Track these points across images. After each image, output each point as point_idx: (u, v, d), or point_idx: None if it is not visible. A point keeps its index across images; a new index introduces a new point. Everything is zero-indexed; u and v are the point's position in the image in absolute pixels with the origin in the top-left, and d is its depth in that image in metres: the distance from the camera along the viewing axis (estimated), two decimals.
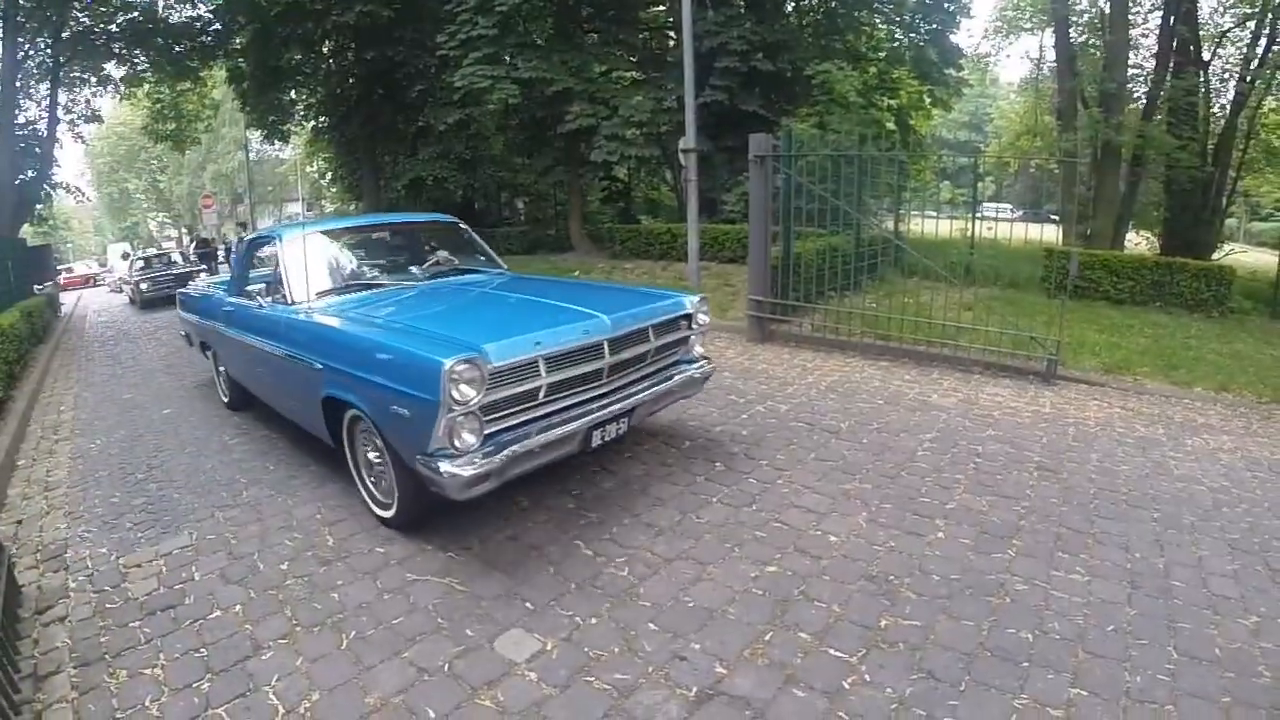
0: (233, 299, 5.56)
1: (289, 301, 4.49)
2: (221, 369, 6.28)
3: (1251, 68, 16.35)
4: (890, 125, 16.62)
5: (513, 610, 3.00)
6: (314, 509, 4.14)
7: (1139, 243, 18.35)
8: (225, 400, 6.41)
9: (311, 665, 2.72)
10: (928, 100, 20.25)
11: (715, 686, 2.50)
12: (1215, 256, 14.65)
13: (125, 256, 25.45)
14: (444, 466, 3.13)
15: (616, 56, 17.58)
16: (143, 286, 17.38)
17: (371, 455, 3.81)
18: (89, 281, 33.24)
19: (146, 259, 20.28)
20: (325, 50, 21.98)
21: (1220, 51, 18.24)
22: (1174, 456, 4.63)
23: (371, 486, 3.95)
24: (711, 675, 2.55)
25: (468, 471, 3.12)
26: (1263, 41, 16.32)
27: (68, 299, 21.68)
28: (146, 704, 2.57)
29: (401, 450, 3.42)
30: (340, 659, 2.75)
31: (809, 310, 7.95)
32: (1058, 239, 13.49)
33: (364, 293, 4.64)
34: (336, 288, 4.66)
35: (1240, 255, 16.20)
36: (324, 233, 5.15)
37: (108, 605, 3.26)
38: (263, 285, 4.97)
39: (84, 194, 27.95)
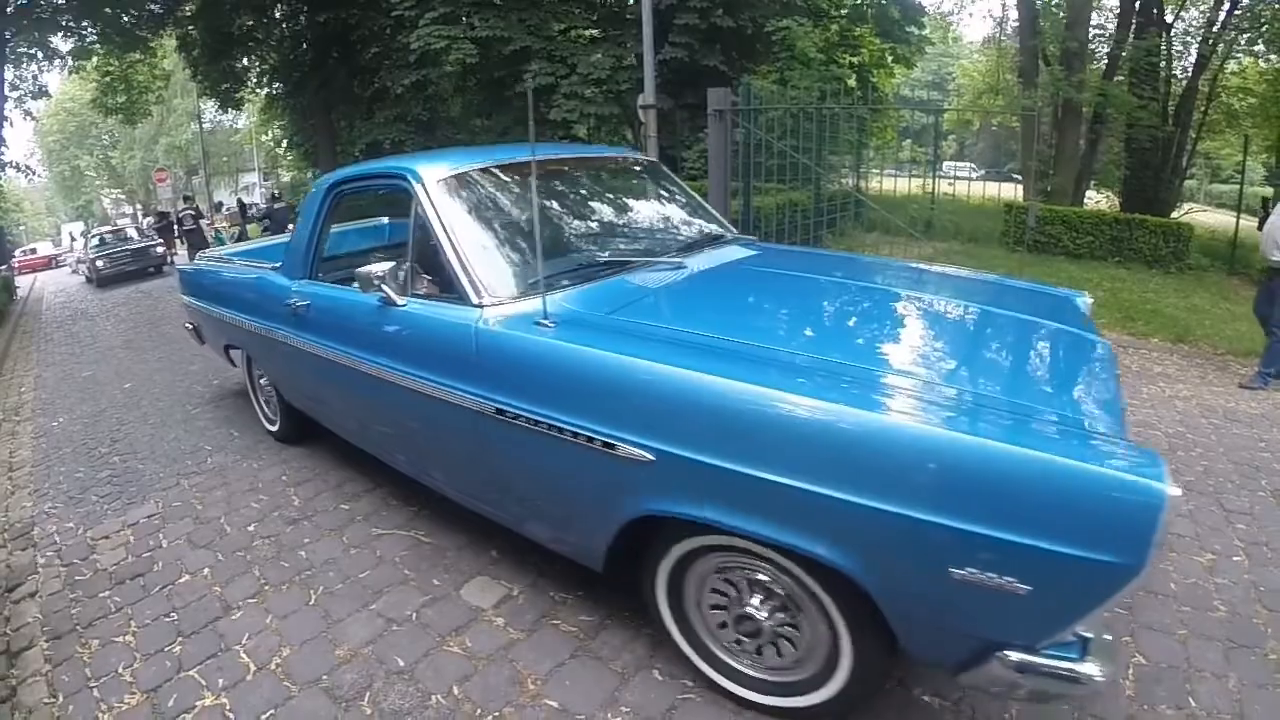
0: (304, 284, 3.49)
1: (473, 298, 2.44)
2: (263, 381, 4.53)
3: (1214, 30, 16.51)
4: (852, 83, 16.56)
5: (478, 559, 3.04)
6: (279, 471, 4.13)
7: (1099, 201, 18.60)
8: (272, 429, 4.65)
9: (281, 622, 2.74)
10: (890, 58, 20.18)
11: None
12: (1174, 215, 14.92)
13: (85, 234, 24.94)
14: (1088, 669, 1.67)
15: (575, 14, 17.27)
16: (99, 264, 17.00)
17: (755, 607, 2.10)
18: (52, 262, 32.31)
19: (101, 236, 19.81)
20: (277, 15, 21.39)
21: (1183, 14, 18.37)
22: (1130, 403, 4.72)
23: (725, 654, 2.24)
24: None
25: (1107, 665, 1.69)
26: (1226, 5, 16.46)
27: (23, 281, 21.14)
28: (119, 670, 2.58)
29: (945, 645, 1.83)
30: (309, 614, 2.77)
31: None
32: (1017, 196, 13.65)
33: (600, 283, 2.64)
34: (564, 272, 2.67)
35: (1200, 215, 16.53)
36: (488, 171, 2.99)
37: (77, 578, 3.26)
38: (387, 267, 2.71)
39: (35, 172, 27.08)
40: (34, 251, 34.20)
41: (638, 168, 3.83)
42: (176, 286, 5.27)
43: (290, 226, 20.77)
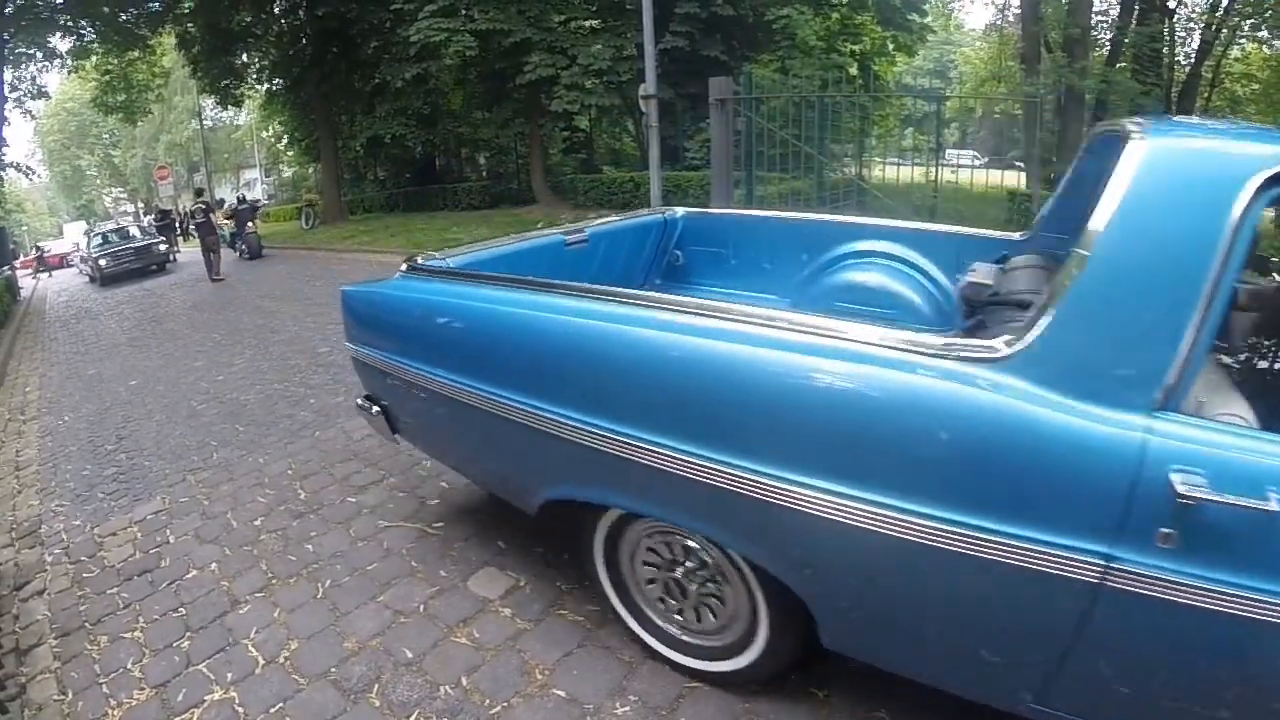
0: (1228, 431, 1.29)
1: None
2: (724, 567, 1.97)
3: (1217, 16, 16.38)
4: (853, 71, 16.52)
5: (485, 550, 3.02)
6: (285, 465, 4.13)
7: None
8: (728, 667, 2.11)
9: (289, 615, 2.74)
10: (891, 46, 20.13)
11: None
12: None
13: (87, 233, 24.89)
14: None
15: (575, 5, 17.26)
16: (102, 263, 16.99)
17: None
18: (62, 261, 32.09)
19: (104, 235, 19.76)
20: (276, 10, 21.42)
21: (1186, 0, 18.25)
22: None
23: None
24: None
25: None
26: None
27: (27, 283, 21.13)
28: (128, 666, 2.58)
29: None
30: (317, 607, 2.77)
31: None
32: (1020, 184, 13.59)
33: None
34: None
35: None
36: None
37: (85, 575, 3.26)
38: None
39: (35, 172, 27.08)
40: (50, 250, 33.47)
41: None
42: (342, 325, 2.99)
43: (251, 225, 20.28)
